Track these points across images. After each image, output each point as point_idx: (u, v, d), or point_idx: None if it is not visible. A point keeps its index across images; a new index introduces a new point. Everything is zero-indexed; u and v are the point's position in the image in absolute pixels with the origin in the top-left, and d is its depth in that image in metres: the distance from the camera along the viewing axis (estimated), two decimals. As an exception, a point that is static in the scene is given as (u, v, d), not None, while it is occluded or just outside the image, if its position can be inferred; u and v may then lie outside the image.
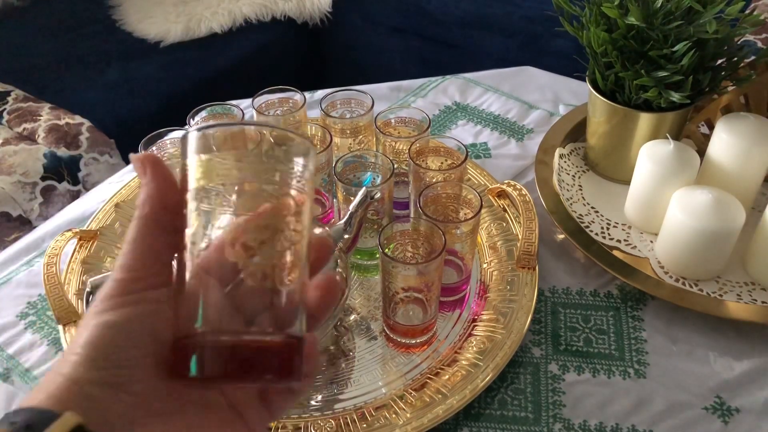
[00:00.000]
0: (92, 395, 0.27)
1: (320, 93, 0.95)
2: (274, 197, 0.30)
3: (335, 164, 0.65)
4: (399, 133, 0.74)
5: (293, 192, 0.30)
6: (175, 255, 0.30)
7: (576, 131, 0.84)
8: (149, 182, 0.30)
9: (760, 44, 1.19)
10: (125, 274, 0.30)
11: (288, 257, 0.30)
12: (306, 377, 0.31)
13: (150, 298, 0.30)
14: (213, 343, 0.29)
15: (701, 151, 0.72)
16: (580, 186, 0.79)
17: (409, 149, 0.66)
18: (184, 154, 0.30)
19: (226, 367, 0.29)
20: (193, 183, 0.30)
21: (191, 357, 0.28)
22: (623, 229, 0.73)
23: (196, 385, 0.31)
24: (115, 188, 0.80)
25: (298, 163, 0.30)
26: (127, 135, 1.48)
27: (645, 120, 0.71)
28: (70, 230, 0.70)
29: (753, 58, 0.71)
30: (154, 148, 0.70)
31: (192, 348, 0.29)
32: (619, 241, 0.71)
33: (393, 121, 0.74)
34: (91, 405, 0.27)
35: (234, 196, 0.30)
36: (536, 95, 0.96)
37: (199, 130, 0.30)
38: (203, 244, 0.30)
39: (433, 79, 1.01)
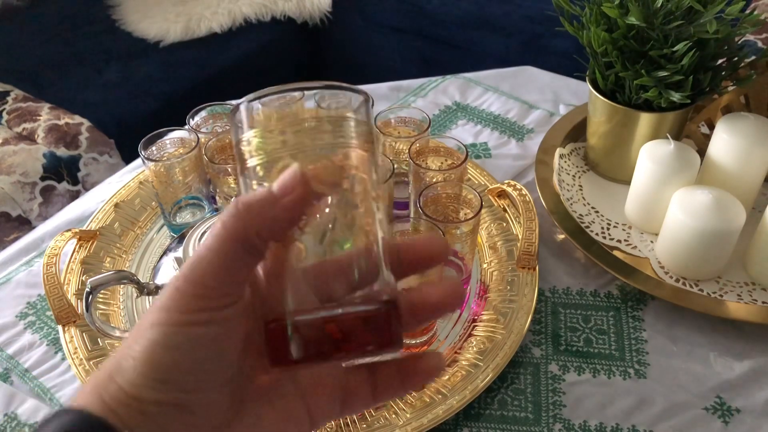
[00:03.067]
0: (152, 414, 0.26)
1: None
2: (334, 155, 0.28)
3: (335, 164, 0.65)
4: (399, 133, 0.74)
5: (352, 145, 0.29)
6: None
7: (576, 131, 0.84)
8: (285, 200, 0.27)
9: (760, 44, 1.19)
10: (194, 288, 0.27)
11: (361, 213, 0.29)
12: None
13: (219, 319, 0.27)
14: (305, 321, 0.28)
15: (702, 151, 0.72)
16: (581, 186, 0.78)
17: (409, 149, 0.66)
18: (237, 129, 0.29)
19: (321, 345, 0.27)
20: (251, 159, 0.28)
21: (287, 340, 0.27)
22: (623, 229, 0.72)
23: (297, 368, 0.30)
24: (115, 188, 0.80)
25: (350, 116, 0.29)
26: (126, 135, 1.48)
27: (645, 120, 0.71)
28: (69, 230, 0.70)
29: (753, 57, 0.71)
30: (153, 148, 0.70)
31: (285, 331, 0.27)
32: (619, 241, 0.71)
33: (393, 121, 0.74)
34: (148, 423, 0.26)
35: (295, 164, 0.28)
36: (536, 95, 0.96)
37: (249, 101, 0.29)
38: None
39: (433, 79, 1.01)
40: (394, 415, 0.56)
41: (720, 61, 0.69)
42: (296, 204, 0.26)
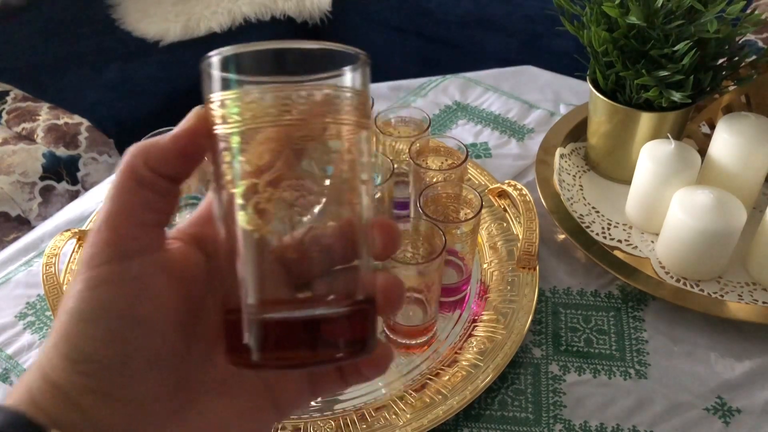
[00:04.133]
0: (82, 406, 0.23)
1: (320, 92, 0.95)
2: (318, 126, 0.24)
3: (335, 164, 0.65)
4: (399, 132, 0.74)
5: (345, 122, 0.25)
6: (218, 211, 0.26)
7: (577, 131, 0.84)
8: (174, 132, 0.25)
9: (761, 44, 1.19)
10: (100, 235, 0.24)
11: (345, 195, 0.25)
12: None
13: (127, 274, 0.24)
14: (268, 322, 0.24)
15: (702, 151, 0.72)
16: (581, 186, 0.78)
17: (409, 149, 0.66)
18: (210, 86, 0.25)
19: (286, 350, 0.24)
20: (224, 126, 0.25)
21: (245, 339, 0.24)
22: (624, 229, 0.72)
23: (258, 371, 0.27)
24: (114, 188, 0.79)
25: (347, 86, 0.25)
26: (126, 135, 1.48)
27: (646, 119, 0.71)
28: (68, 230, 0.70)
29: (754, 57, 0.71)
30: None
31: (244, 328, 0.24)
32: (620, 241, 0.71)
33: (393, 120, 0.74)
34: (80, 418, 0.23)
35: (271, 134, 0.24)
36: (537, 95, 0.96)
37: (227, 55, 0.24)
38: (242, 198, 0.24)
39: (433, 78, 1.01)
40: (394, 416, 0.56)
41: (721, 61, 0.69)
42: (184, 136, 0.25)
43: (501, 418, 0.57)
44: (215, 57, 0.24)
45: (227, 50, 0.24)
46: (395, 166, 0.64)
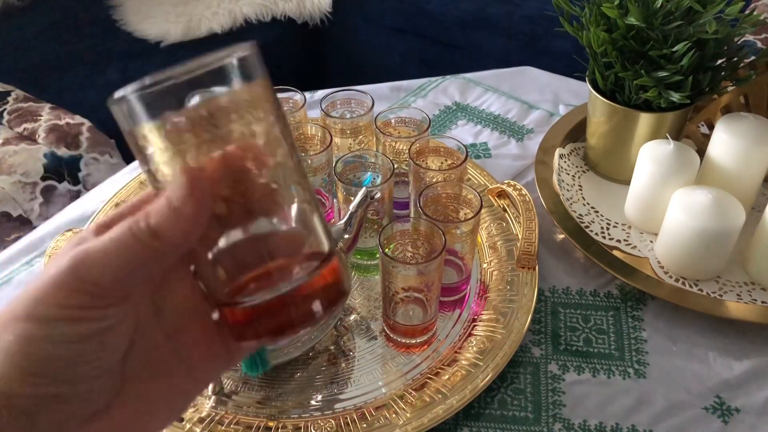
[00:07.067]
0: (22, 408, 0.24)
1: (320, 93, 0.95)
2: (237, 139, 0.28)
3: (335, 164, 0.65)
4: (399, 133, 0.74)
5: (253, 127, 0.28)
6: None
7: (576, 131, 0.84)
8: (187, 212, 0.26)
9: (759, 44, 1.19)
10: (81, 284, 0.25)
11: (276, 189, 0.29)
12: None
13: (104, 315, 0.26)
14: (250, 305, 0.28)
15: (701, 151, 0.72)
16: (580, 186, 0.79)
17: (409, 149, 0.67)
18: (129, 120, 0.28)
19: (271, 326, 0.28)
20: (154, 151, 0.28)
21: (240, 322, 0.28)
22: (623, 229, 0.73)
23: (261, 344, 0.32)
24: (116, 188, 0.80)
25: (243, 90, 0.28)
26: (127, 135, 1.48)
27: (645, 120, 0.71)
28: (70, 230, 0.70)
29: (753, 58, 0.71)
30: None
31: (234, 315, 0.28)
32: (619, 241, 0.71)
33: (393, 121, 0.74)
34: (16, 416, 0.24)
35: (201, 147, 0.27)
36: (536, 95, 0.96)
37: (141, 91, 0.27)
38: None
39: (433, 79, 1.01)
40: (394, 415, 0.56)
41: (719, 62, 0.70)
42: (196, 213, 0.26)
43: (500, 417, 0.58)
44: (133, 95, 0.27)
45: (134, 90, 0.27)
46: (395, 166, 0.65)
